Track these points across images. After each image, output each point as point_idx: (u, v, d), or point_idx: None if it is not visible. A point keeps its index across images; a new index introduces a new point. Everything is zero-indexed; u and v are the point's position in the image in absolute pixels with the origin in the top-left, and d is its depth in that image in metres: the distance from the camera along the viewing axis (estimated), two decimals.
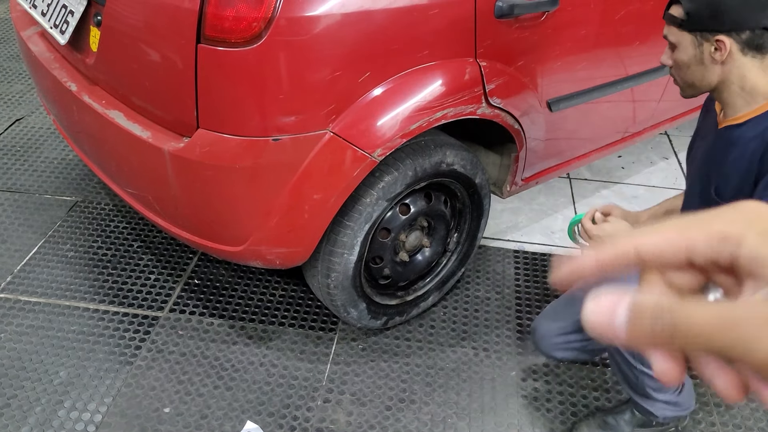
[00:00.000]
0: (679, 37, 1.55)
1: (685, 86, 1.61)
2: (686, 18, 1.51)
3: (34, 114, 3.38)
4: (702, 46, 1.51)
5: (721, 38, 1.47)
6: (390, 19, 1.67)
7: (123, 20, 1.75)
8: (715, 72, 1.52)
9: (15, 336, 2.15)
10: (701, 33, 1.50)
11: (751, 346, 0.35)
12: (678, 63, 1.57)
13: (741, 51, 1.48)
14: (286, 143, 1.67)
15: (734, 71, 1.51)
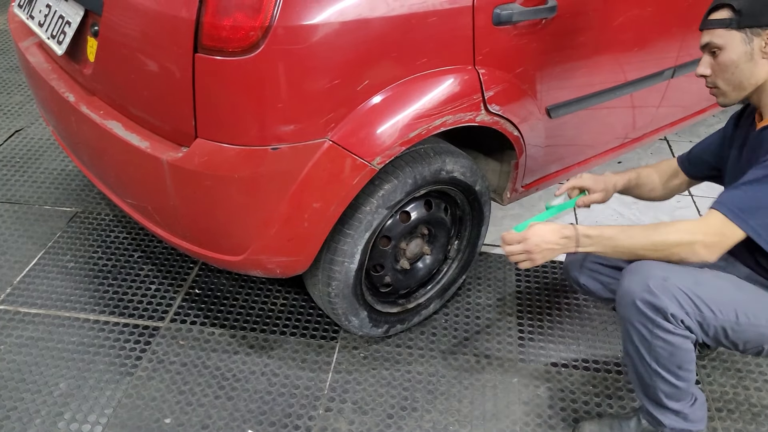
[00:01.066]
0: (727, 38, 1.59)
1: (731, 89, 1.65)
2: (737, 16, 1.57)
3: (34, 125, 3.38)
4: (752, 42, 1.57)
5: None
6: (388, 27, 1.67)
7: (120, 30, 1.75)
8: (764, 67, 1.59)
9: (15, 348, 2.15)
10: (752, 29, 1.56)
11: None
12: (724, 65, 1.61)
13: None
14: (285, 152, 1.66)
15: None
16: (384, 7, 1.65)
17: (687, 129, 3.65)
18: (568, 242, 1.61)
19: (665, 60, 2.49)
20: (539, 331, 2.32)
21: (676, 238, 1.55)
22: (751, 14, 1.55)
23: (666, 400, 1.73)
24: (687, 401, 1.75)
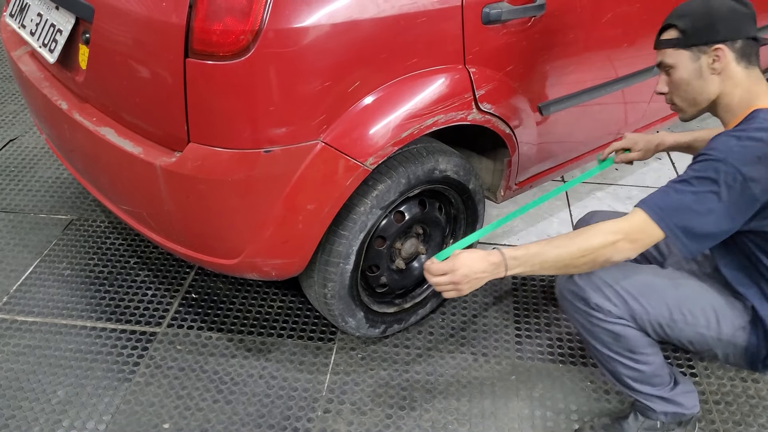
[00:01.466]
0: (676, 57, 1.64)
1: (687, 105, 1.69)
2: (683, 36, 1.61)
3: (28, 134, 3.38)
4: (700, 60, 1.61)
5: (719, 47, 1.57)
6: (378, 29, 1.67)
7: (111, 37, 1.76)
8: (714, 83, 1.61)
9: (12, 356, 2.15)
10: (698, 47, 1.60)
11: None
12: (677, 83, 1.66)
13: (735, 60, 1.58)
14: (277, 155, 1.67)
15: (728, 82, 1.60)
16: (374, 9, 1.65)
17: (679, 123, 3.66)
18: (496, 268, 1.55)
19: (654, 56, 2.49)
20: (536, 329, 2.32)
21: (599, 240, 1.52)
22: (695, 33, 1.59)
23: (634, 383, 1.76)
24: (663, 385, 1.78)
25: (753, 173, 1.45)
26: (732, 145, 1.48)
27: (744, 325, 1.66)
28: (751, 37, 1.58)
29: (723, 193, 1.46)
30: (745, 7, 1.60)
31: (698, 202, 1.48)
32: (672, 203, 1.51)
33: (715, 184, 1.47)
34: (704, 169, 1.49)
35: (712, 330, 1.67)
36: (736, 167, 1.45)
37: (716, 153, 1.49)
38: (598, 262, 1.55)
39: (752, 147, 1.47)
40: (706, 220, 1.49)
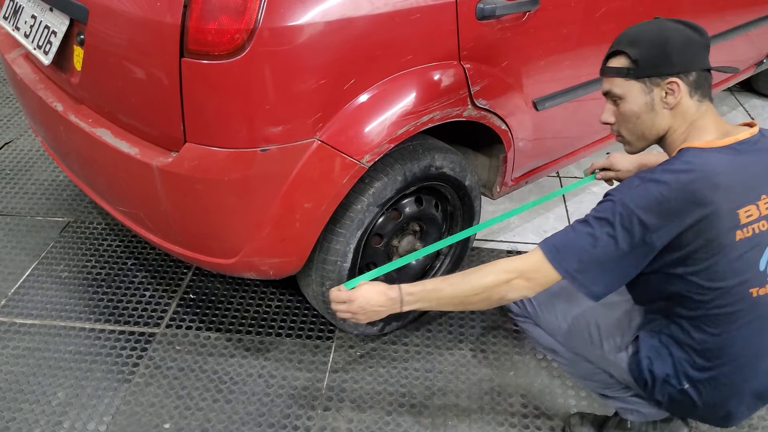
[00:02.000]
0: (626, 88, 1.52)
1: (635, 139, 1.59)
2: (635, 66, 1.50)
3: (23, 137, 3.38)
4: (652, 92, 1.50)
5: (674, 80, 1.47)
6: (372, 26, 1.68)
7: (106, 38, 1.76)
8: (665, 118, 1.52)
9: (11, 359, 2.14)
10: (651, 78, 1.49)
11: None
12: (626, 115, 1.55)
13: (689, 94, 1.49)
14: (274, 153, 1.67)
15: (679, 117, 1.51)
16: (368, 6, 1.66)
17: None
18: (392, 303, 1.56)
19: None
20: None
21: (492, 279, 1.50)
22: (648, 64, 1.48)
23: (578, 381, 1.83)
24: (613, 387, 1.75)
25: (650, 217, 1.38)
26: (634, 186, 1.42)
27: (625, 347, 1.63)
28: (705, 68, 1.49)
29: (619, 237, 1.40)
30: (701, 36, 1.50)
31: (594, 245, 1.42)
32: (569, 245, 1.45)
33: (611, 227, 1.41)
34: (604, 210, 1.43)
35: (595, 347, 1.67)
36: (632, 210, 1.39)
37: (617, 194, 1.43)
38: (494, 299, 1.53)
39: (653, 189, 1.39)
40: (602, 263, 1.43)
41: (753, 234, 1.41)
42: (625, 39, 1.54)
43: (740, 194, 1.41)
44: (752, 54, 3.31)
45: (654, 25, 1.53)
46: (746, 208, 1.41)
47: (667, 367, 1.54)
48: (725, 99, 3.95)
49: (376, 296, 1.56)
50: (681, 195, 1.38)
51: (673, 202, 1.38)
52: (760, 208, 1.42)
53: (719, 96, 3.95)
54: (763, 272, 1.43)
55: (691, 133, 1.50)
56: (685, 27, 1.50)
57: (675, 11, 2.46)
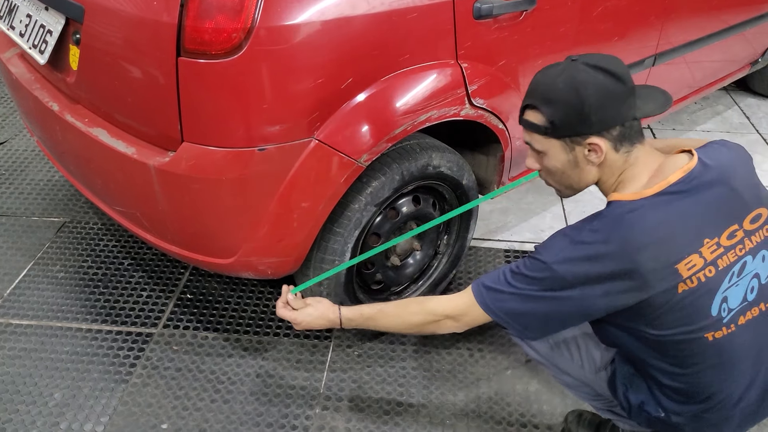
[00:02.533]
0: (546, 145, 1.45)
1: (564, 189, 1.55)
2: (551, 126, 1.41)
3: (18, 137, 3.37)
4: (574, 151, 1.43)
5: (594, 141, 1.39)
6: (369, 25, 1.68)
7: (102, 37, 1.76)
8: (591, 172, 1.45)
9: (8, 360, 2.14)
10: (571, 138, 1.41)
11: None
12: (550, 170, 1.50)
13: (614, 149, 1.40)
14: (271, 153, 1.67)
15: (607, 170, 1.44)
16: (365, 5, 1.66)
17: (670, 117, 3.69)
18: (332, 325, 1.70)
19: (645, 48, 2.51)
20: None
21: (420, 319, 1.58)
22: (566, 126, 1.39)
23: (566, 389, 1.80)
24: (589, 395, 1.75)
25: (577, 280, 1.36)
26: (562, 247, 1.39)
27: (603, 368, 1.63)
28: (629, 120, 1.39)
29: (547, 297, 1.39)
30: (622, 84, 1.37)
31: (523, 300, 1.42)
32: (498, 295, 1.46)
33: (539, 286, 1.40)
34: (533, 267, 1.41)
35: (576, 365, 1.67)
36: (558, 273, 1.37)
37: (545, 254, 1.40)
38: (425, 333, 1.65)
39: (579, 252, 1.36)
40: (532, 317, 1.44)
41: (699, 283, 1.35)
42: (539, 94, 1.43)
43: (676, 248, 1.34)
44: (747, 53, 3.32)
45: (568, 77, 1.39)
46: (687, 260, 1.33)
47: (642, 395, 1.53)
48: (720, 98, 3.96)
49: (317, 320, 1.70)
50: (606, 263, 1.34)
51: (598, 268, 1.35)
52: (704, 254, 1.35)
53: (715, 95, 3.96)
54: (716, 317, 1.37)
55: (621, 182, 1.44)
56: (604, 77, 1.37)
57: (671, 10, 2.47)
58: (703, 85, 3.16)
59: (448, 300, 1.57)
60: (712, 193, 1.38)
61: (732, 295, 1.38)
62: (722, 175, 1.41)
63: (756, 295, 1.41)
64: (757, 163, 3.30)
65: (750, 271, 1.40)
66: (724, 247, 1.37)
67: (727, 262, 1.37)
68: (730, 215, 1.39)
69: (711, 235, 1.37)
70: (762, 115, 3.79)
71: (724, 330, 1.38)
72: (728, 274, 1.37)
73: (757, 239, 1.41)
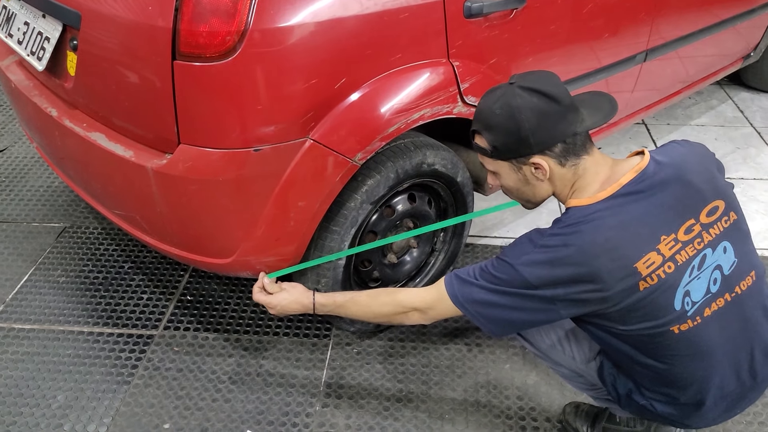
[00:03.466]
0: (496, 166, 1.53)
1: (524, 202, 1.62)
2: (495, 150, 1.49)
3: (18, 144, 3.39)
4: (522, 170, 1.50)
5: (537, 161, 1.45)
6: (362, 25, 1.70)
7: (98, 43, 1.78)
8: (543, 187, 1.52)
9: (11, 363, 2.16)
10: (516, 159, 1.48)
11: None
12: (505, 188, 1.59)
13: (559, 164, 1.46)
14: (267, 153, 1.69)
15: (558, 182, 1.49)
16: (357, 6, 1.68)
17: (664, 111, 3.71)
18: (306, 310, 1.81)
19: (637, 44, 2.53)
20: None
21: (389, 310, 1.67)
22: (507, 150, 1.47)
23: (563, 379, 1.84)
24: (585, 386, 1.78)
25: (541, 283, 1.40)
26: (526, 251, 1.44)
27: (593, 358, 1.67)
28: (569, 136, 1.44)
29: (514, 298, 1.44)
30: (557, 104, 1.43)
31: (489, 296, 1.47)
32: (467, 288, 1.51)
33: (506, 287, 1.45)
34: (500, 268, 1.47)
35: (567, 356, 1.71)
36: (524, 277, 1.42)
37: (511, 257, 1.46)
38: (394, 323, 1.77)
39: (542, 257, 1.41)
40: (497, 314, 1.48)
41: (659, 280, 1.38)
42: (481, 120, 1.51)
43: (632, 248, 1.37)
44: (740, 47, 3.35)
45: (505, 105, 1.45)
46: (644, 258, 1.37)
47: (629, 384, 1.57)
48: (714, 93, 3.98)
49: (291, 305, 1.81)
50: (566, 267, 1.38)
51: (558, 272, 1.39)
52: (662, 251, 1.38)
53: (708, 90, 3.99)
54: (680, 310, 1.40)
55: (575, 191, 1.49)
56: (538, 99, 1.42)
57: (661, 6, 2.49)
58: (696, 80, 3.18)
59: (417, 293, 1.64)
60: (666, 190, 1.42)
61: (694, 288, 1.41)
62: (676, 171, 1.44)
63: (720, 286, 1.44)
64: (752, 157, 3.36)
65: (711, 263, 1.43)
66: (681, 242, 1.40)
67: (686, 257, 1.40)
68: (685, 210, 1.42)
69: (667, 231, 1.40)
70: (756, 108, 3.82)
71: (689, 323, 1.41)
72: (688, 268, 1.40)
73: (716, 231, 1.44)
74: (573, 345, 1.71)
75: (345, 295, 1.80)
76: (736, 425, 1.98)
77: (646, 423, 1.78)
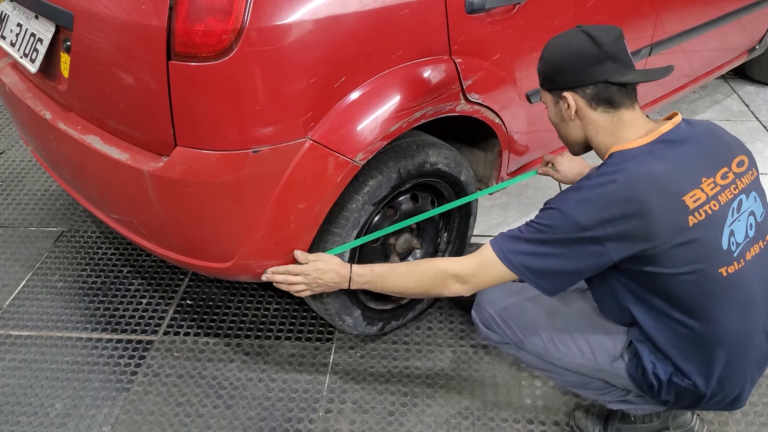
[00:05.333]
0: (545, 98, 1.63)
1: (564, 143, 1.67)
2: (540, 78, 1.61)
3: (14, 148, 3.36)
4: (558, 104, 1.58)
5: (565, 95, 1.53)
6: (361, 23, 1.66)
7: (92, 44, 1.74)
8: (576, 127, 1.58)
9: (8, 371, 2.12)
10: (555, 92, 1.57)
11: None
12: (550, 120, 1.65)
13: (589, 106, 1.53)
14: (266, 154, 1.65)
15: (590, 127, 1.55)
16: (356, 3, 1.64)
17: (669, 106, 3.66)
18: (342, 280, 1.77)
19: (641, 39, 2.49)
20: None
21: (429, 279, 1.65)
22: (546, 79, 1.57)
23: (574, 389, 1.82)
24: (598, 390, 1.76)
25: (591, 222, 1.42)
26: (571, 195, 1.48)
27: (620, 355, 1.64)
28: (605, 81, 1.49)
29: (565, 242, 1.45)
30: (597, 48, 1.49)
31: (539, 247, 1.48)
32: (515, 244, 1.52)
33: (554, 231, 1.46)
34: (547, 216, 1.50)
35: (588, 360, 1.68)
36: (572, 217, 1.44)
37: (556, 203, 1.49)
38: (431, 295, 1.73)
39: (589, 196, 1.44)
40: (548, 265, 1.49)
41: (706, 216, 1.43)
42: (543, 51, 1.61)
43: (678, 183, 1.43)
44: (744, 40, 3.30)
45: (560, 38, 1.57)
46: (691, 193, 1.42)
47: (669, 366, 1.55)
48: (719, 86, 3.94)
49: (328, 274, 1.76)
50: (615, 199, 1.42)
51: (610, 206, 1.41)
52: (705, 190, 1.44)
53: (713, 84, 3.94)
54: (727, 250, 1.45)
55: (613, 141, 1.53)
56: (585, 39, 1.50)
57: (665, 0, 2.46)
58: (701, 74, 3.15)
59: (459, 261, 1.62)
60: (700, 141, 1.51)
61: (737, 229, 1.47)
62: (705, 129, 1.55)
63: (755, 231, 1.51)
64: (759, 151, 3.33)
65: (746, 208, 1.50)
66: (720, 186, 1.47)
67: (726, 199, 1.47)
68: (718, 159, 1.50)
69: (707, 174, 1.47)
70: (761, 102, 3.77)
71: (735, 264, 1.46)
72: (729, 209, 1.47)
73: (747, 180, 1.53)
74: (593, 346, 1.67)
75: (383, 265, 1.75)
76: (736, 425, 1.94)
77: (662, 416, 1.77)
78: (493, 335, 1.80)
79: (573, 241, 1.45)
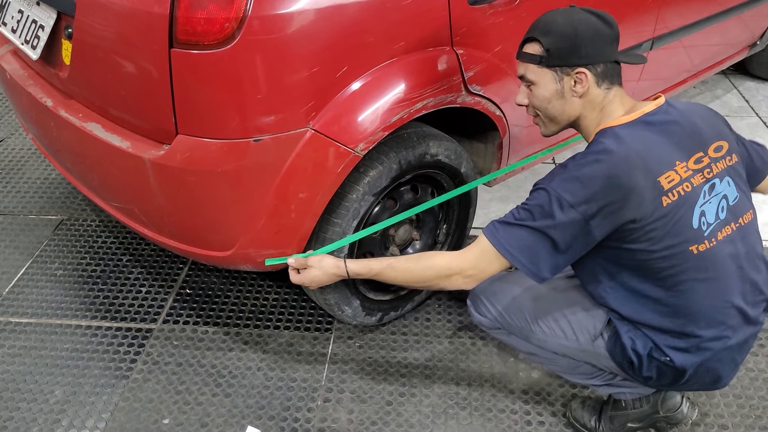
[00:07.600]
0: (539, 75, 1.61)
1: (547, 122, 1.69)
2: (546, 55, 1.58)
3: (14, 135, 3.35)
4: (563, 81, 1.59)
5: (582, 70, 1.56)
6: (363, 12, 1.66)
7: (94, 31, 1.74)
8: (574, 105, 1.61)
9: (8, 358, 2.13)
10: (561, 68, 1.57)
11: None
12: (537, 100, 1.64)
13: (597, 83, 1.58)
14: (267, 143, 1.65)
15: (588, 104, 1.59)
16: None
17: None
18: (339, 279, 1.79)
19: (643, 33, 2.49)
20: None
21: (433, 274, 1.64)
22: (559, 55, 1.56)
23: (563, 374, 1.86)
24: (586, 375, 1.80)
25: (578, 200, 1.45)
26: (560, 174, 1.51)
27: (599, 333, 1.67)
28: (612, 60, 1.57)
29: (556, 222, 1.47)
30: (610, 29, 1.57)
31: (531, 228, 1.50)
32: (508, 228, 1.54)
33: (543, 211, 1.49)
34: (536, 197, 1.53)
35: (570, 341, 1.71)
36: (561, 196, 1.47)
37: (544, 183, 1.53)
38: (433, 288, 1.78)
39: (577, 174, 1.48)
40: (541, 246, 1.50)
41: (679, 197, 1.49)
42: (539, 28, 1.60)
43: (655, 164, 1.49)
44: (745, 36, 3.30)
45: (567, 15, 1.58)
46: (665, 175, 1.49)
47: (648, 342, 1.59)
48: (719, 82, 3.94)
49: (324, 278, 1.78)
50: (603, 177, 1.45)
51: (596, 184, 1.45)
52: (678, 172, 1.50)
53: (713, 79, 3.94)
54: (698, 229, 1.50)
55: (603, 117, 1.59)
56: (596, 19, 1.56)
57: None
58: (702, 69, 3.14)
59: (458, 256, 1.63)
60: (677, 126, 1.56)
61: (708, 210, 1.53)
62: (685, 113, 1.60)
63: (726, 214, 1.56)
64: None
65: (719, 192, 1.55)
66: (692, 170, 1.53)
67: (698, 181, 1.53)
68: (694, 145, 1.56)
69: (681, 158, 1.53)
70: (761, 98, 3.78)
71: (706, 243, 1.52)
72: (701, 191, 1.52)
73: (722, 165, 1.58)
74: (574, 326, 1.70)
75: (381, 262, 1.74)
76: (737, 427, 1.95)
77: (651, 399, 1.80)
78: (485, 320, 1.83)
79: (562, 222, 1.47)
